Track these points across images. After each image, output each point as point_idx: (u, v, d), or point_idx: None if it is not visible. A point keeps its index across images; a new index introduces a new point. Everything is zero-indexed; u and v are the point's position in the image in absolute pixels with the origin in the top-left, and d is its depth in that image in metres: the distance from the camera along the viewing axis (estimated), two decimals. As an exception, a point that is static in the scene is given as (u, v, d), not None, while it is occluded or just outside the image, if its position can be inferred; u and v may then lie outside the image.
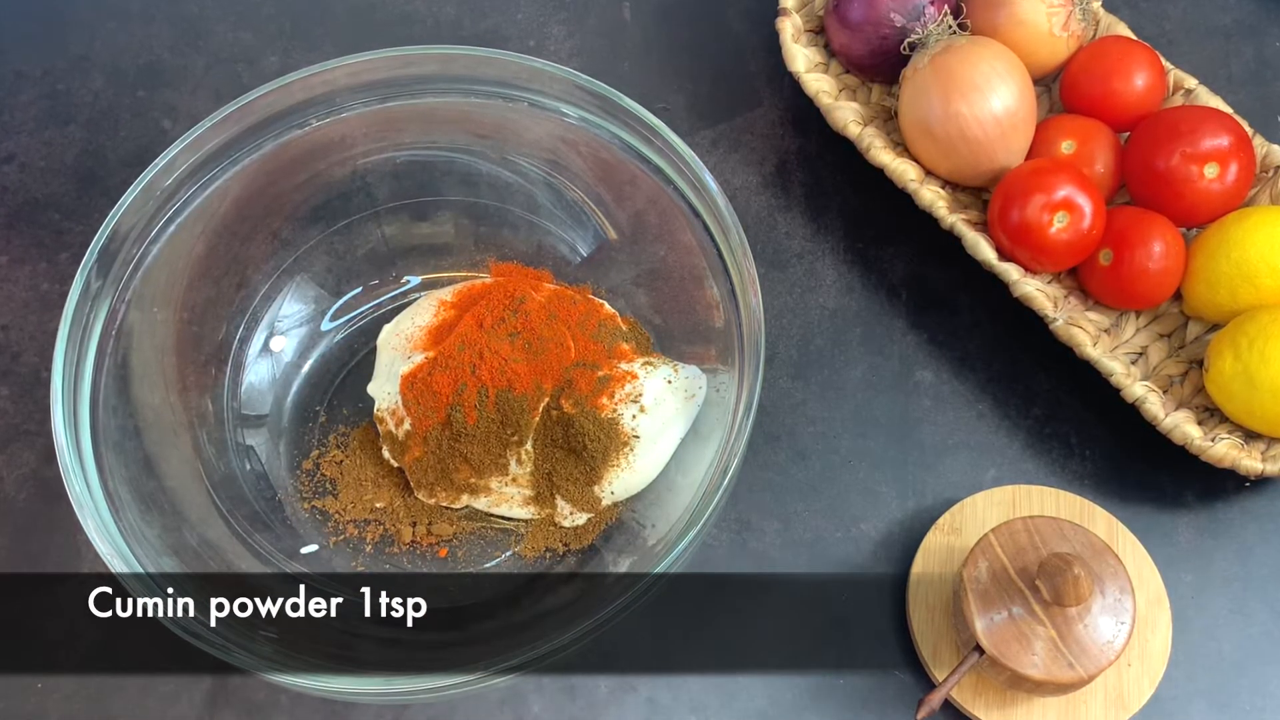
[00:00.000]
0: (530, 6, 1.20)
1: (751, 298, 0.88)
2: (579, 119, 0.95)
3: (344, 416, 1.00)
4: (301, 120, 0.95)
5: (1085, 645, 0.85)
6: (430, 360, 0.95)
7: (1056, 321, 0.98)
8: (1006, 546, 0.88)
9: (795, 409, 1.02)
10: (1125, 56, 1.04)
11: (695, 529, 0.82)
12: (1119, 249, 0.98)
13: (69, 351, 0.86)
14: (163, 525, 0.87)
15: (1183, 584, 0.96)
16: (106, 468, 0.85)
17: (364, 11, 1.21)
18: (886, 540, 0.98)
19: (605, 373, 0.94)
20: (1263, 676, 0.94)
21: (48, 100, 1.15)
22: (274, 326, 1.00)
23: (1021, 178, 0.99)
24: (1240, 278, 0.96)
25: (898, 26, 1.04)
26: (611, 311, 1.00)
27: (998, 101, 1.00)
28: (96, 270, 0.88)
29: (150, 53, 1.18)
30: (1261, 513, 0.98)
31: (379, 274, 1.04)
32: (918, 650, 0.92)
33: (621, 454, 0.93)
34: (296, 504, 0.97)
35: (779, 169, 1.11)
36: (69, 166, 1.12)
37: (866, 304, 1.06)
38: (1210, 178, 0.98)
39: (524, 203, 1.02)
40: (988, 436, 1.01)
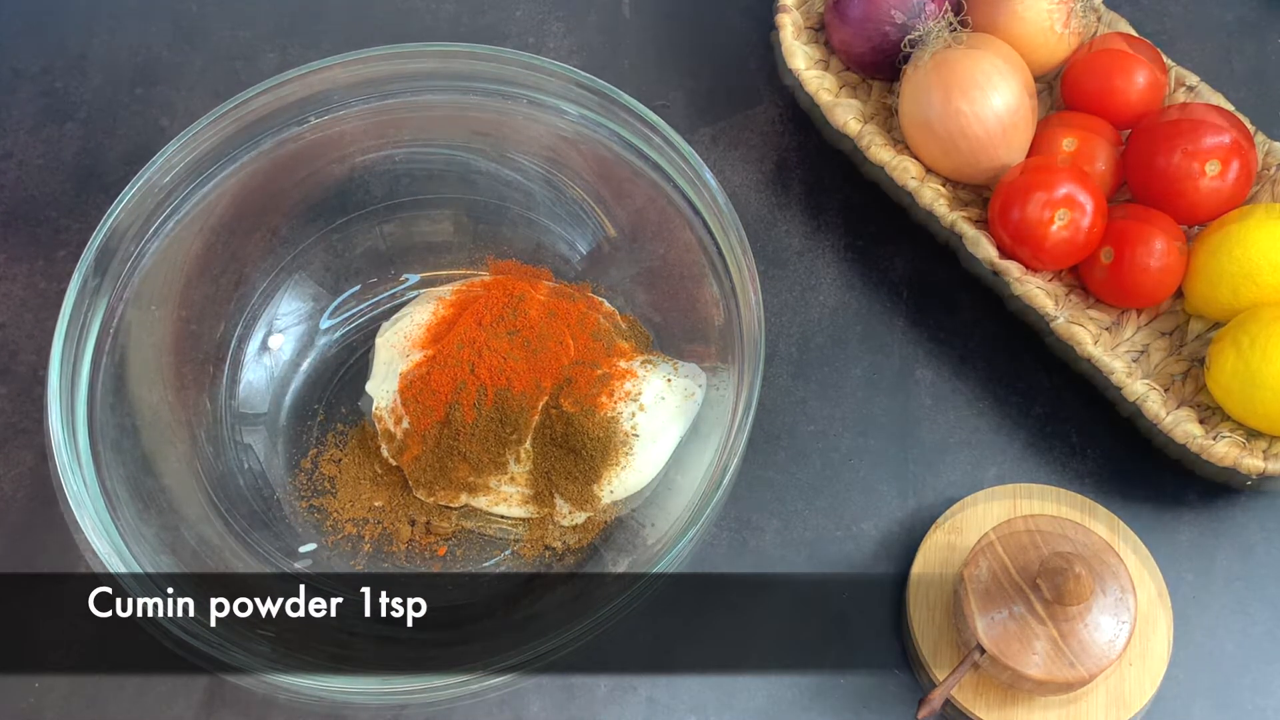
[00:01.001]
0: (529, 3, 1.20)
1: (751, 296, 0.88)
2: (578, 116, 0.95)
3: (342, 415, 1.00)
4: (300, 118, 0.95)
5: (1086, 645, 0.85)
6: (429, 359, 0.95)
7: (1058, 320, 0.97)
8: (1007, 546, 0.88)
9: (795, 407, 1.02)
10: (1126, 54, 1.03)
11: (695, 528, 0.82)
12: (1120, 247, 0.98)
13: (66, 350, 0.86)
14: (160, 524, 0.87)
15: (1184, 583, 0.95)
16: (104, 466, 0.85)
17: (362, 9, 1.20)
18: (887, 539, 0.98)
19: (604, 371, 0.94)
20: (1265, 676, 0.94)
21: (45, 98, 1.15)
22: (272, 325, 1.00)
23: (1022, 176, 0.98)
24: (1242, 276, 0.96)
25: (898, 24, 1.04)
26: (611, 310, 0.99)
27: (998, 99, 0.99)
28: (94, 268, 0.88)
29: (148, 51, 1.17)
30: (1263, 512, 0.98)
31: (377, 272, 1.04)
32: (918, 650, 0.92)
33: (621, 453, 0.93)
34: (295, 503, 0.97)
35: (779, 167, 1.11)
36: (67, 165, 1.12)
37: (867, 302, 1.06)
38: (1211, 176, 0.98)
39: (523, 201, 1.02)
40: (988, 435, 1.01)
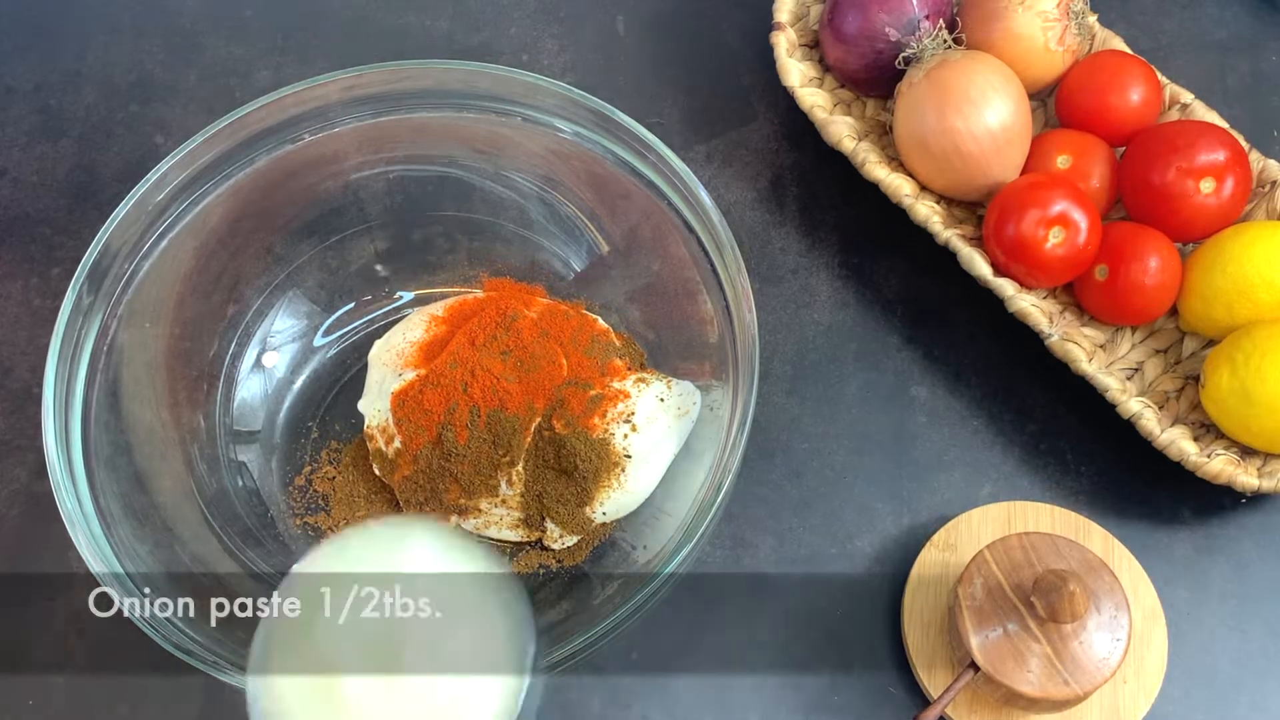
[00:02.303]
0: (524, 20, 1.20)
1: (746, 313, 0.88)
2: (572, 133, 0.95)
3: (336, 432, 1.00)
4: (294, 135, 0.94)
5: (1081, 662, 0.85)
6: (422, 378, 0.94)
7: (1052, 337, 0.97)
8: (1002, 563, 0.88)
9: (790, 425, 1.02)
10: (1121, 71, 1.03)
11: (688, 546, 0.82)
12: (1115, 264, 0.98)
13: (60, 367, 0.86)
14: (155, 542, 0.87)
15: (1179, 600, 0.95)
16: (98, 484, 0.85)
17: (356, 26, 1.20)
18: (881, 556, 0.97)
19: (598, 391, 0.94)
20: (1260, 693, 0.93)
21: (39, 115, 1.15)
22: (266, 342, 1.00)
23: (1017, 193, 0.98)
24: (1236, 293, 0.96)
25: (893, 40, 1.04)
26: (605, 327, 0.99)
27: (993, 116, 0.99)
28: (88, 286, 0.88)
29: (142, 67, 1.17)
30: (1258, 529, 0.98)
31: (372, 289, 1.04)
32: (912, 667, 0.92)
33: (613, 474, 0.92)
34: (289, 520, 0.96)
35: (773, 183, 1.11)
36: (60, 181, 1.12)
37: (861, 319, 1.06)
38: (1206, 193, 0.98)
39: (517, 218, 1.02)
40: (983, 452, 1.01)
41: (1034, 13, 1.03)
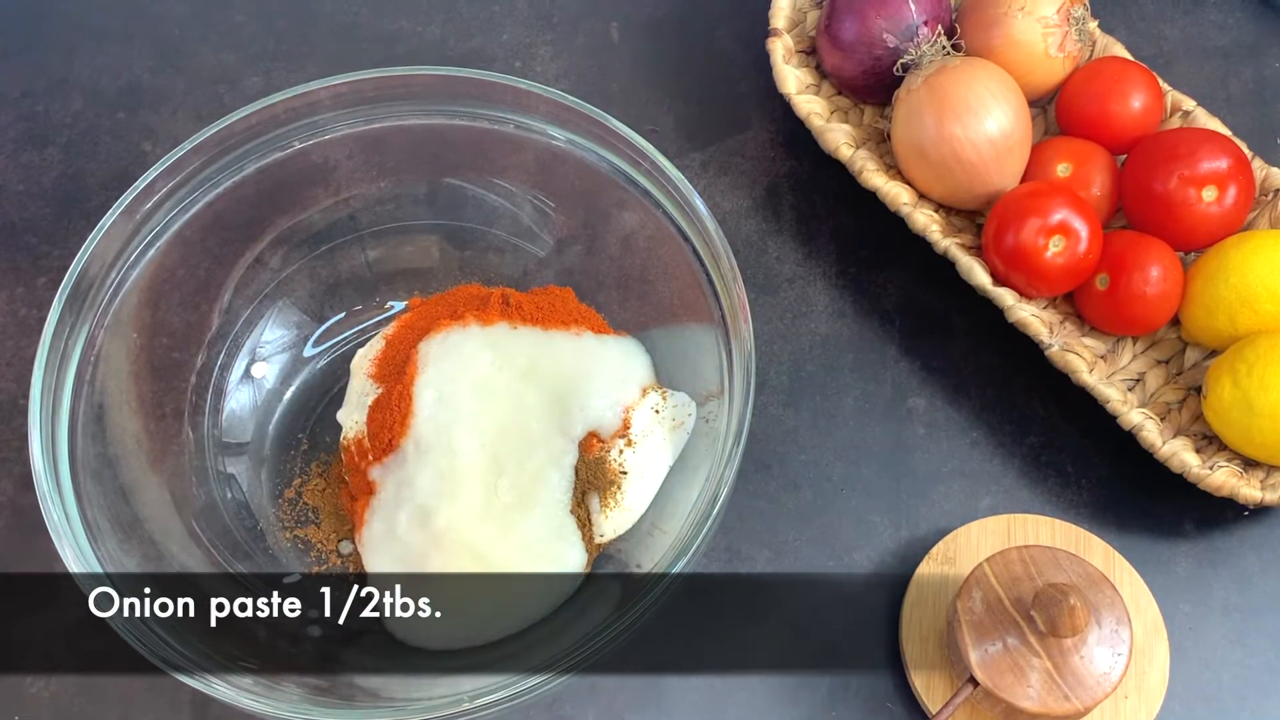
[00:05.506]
0: (517, 27, 1.19)
1: (742, 323, 0.87)
2: (566, 141, 0.94)
3: (326, 444, 0.99)
4: (284, 142, 0.94)
5: (1081, 677, 0.84)
6: (397, 390, 0.93)
7: (1052, 347, 0.97)
8: (1001, 576, 0.87)
9: (786, 436, 1.01)
10: (1122, 78, 1.03)
11: (684, 559, 0.81)
12: (1116, 273, 0.97)
13: (47, 378, 0.85)
14: (142, 554, 0.86)
15: (1181, 614, 0.95)
16: (85, 496, 0.84)
17: (348, 32, 1.20)
18: (879, 569, 0.97)
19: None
20: (1263, 708, 0.93)
21: (25, 122, 1.14)
22: (255, 352, 0.99)
23: (1016, 201, 0.98)
24: (1239, 303, 0.95)
25: (891, 47, 1.03)
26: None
27: (992, 123, 0.99)
28: (74, 295, 0.87)
29: (130, 74, 1.17)
30: (1261, 542, 0.97)
31: (362, 299, 1.03)
32: (911, 682, 0.91)
33: (609, 493, 0.91)
34: (279, 533, 0.96)
35: (770, 192, 1.10)
36: (47, 190, 1.11)
37: (859, 329, 1.05)
38: (1208, 201, 0.97)
39: (509, 226, 1.01)
40: (982, 464, 1.00)
41: (1034, 19, 1.02)
